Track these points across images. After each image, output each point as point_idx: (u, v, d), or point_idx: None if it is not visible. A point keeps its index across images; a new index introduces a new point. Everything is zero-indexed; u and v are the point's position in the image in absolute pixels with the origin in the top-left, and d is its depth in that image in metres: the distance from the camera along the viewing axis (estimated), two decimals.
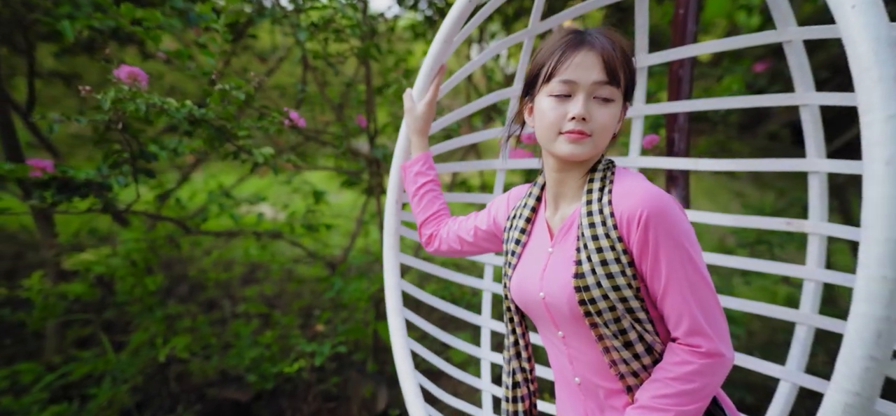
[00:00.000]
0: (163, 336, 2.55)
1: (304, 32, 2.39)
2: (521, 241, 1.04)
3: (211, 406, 2.57)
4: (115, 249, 2.68)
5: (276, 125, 2.05)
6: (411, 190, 1.35)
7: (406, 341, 1.46)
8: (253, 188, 4.06)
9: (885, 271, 0.57)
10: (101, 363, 2.47)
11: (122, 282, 2.58)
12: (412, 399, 1.39)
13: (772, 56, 3.10)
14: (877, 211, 0.58)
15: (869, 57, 0.61)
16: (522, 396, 1.07)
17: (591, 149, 0.92)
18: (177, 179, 3.24)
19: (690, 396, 0.83)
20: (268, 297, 3.67)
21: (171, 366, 2.63)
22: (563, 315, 0.93)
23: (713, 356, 0.83)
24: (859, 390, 0.59)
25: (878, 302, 0.57)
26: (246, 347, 2.72)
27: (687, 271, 0.84)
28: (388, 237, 1.50)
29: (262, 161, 2.16)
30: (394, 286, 1.50)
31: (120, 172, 1.98)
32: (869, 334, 0.58)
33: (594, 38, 0.91)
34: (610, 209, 0.88)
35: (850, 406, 0.59)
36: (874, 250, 0.58)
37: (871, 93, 0.61)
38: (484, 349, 1.64)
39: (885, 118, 0.59)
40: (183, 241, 3.19)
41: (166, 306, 2.75)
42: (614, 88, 0.91)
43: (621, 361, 0.89)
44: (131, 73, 1.66)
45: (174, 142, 2.15)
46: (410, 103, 1.39)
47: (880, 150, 0.59)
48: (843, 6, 0.65)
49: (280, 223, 3.66)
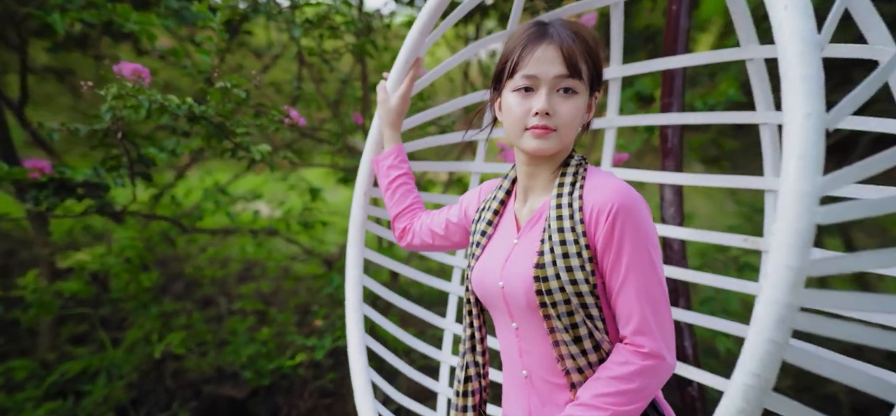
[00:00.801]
0: (158, 333, 2.53)
1: (298, 29, 2.37)
2: (487, 232, 1.04)
3: (206, 403, 2.55)
4: (109, 247, 2.65)
5: (274, 123, 2.03)
6: (384, 184, 1.34)
7: (362, 337, 1.44)
8: (249, 186, 4.04)
9: (790, 261, 0.59)
10: (96, 359, 2.45)
11: (117, 279, 2.56)
12: (361, 395, 1.37)
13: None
14: (787, 203, 0.60)
15: (795, 56, 0.64)
16: (473, 390, 1.06)
17: (557, 143, 0.92)
18: (172, 177, 3.21)
19: (629, 395, 0.83)
20: (264, 294, 3.65)
21: (166, 363, 2.61)
22: (520, 306, 0.93)
23: (655, 358, 0.84)
24: (759, 371, 0.61)
25: (782, 289, 0.59)
26: (242, 344, 2.70)
27: (645, 271, 0.85)
28: (354, 231, 1.48)
29: (259, 158, 2.14)
30: (355, 281, 1.47)
31: (118, 175, 1.97)
32: (772, 319, 0.60)
33: (555, 31, 0.91)
34: (579, 204, 0.89)
35: (749, 387, 0.61)
36: (783, 240, 0.60)
37: (794, 91, 0.63)
38: (445, 353, 1.60)
39: (804, 116, 0.61)
40: (178, 239, 3.17)
41: (162, 304, 2.73)
42: (576, 81, 0.90)
43: (569, 356, 0.89)
44: (136, 70, 1.64)
45: (172, 143, 2.13)
46: (383, 95, 1.37)
47: (796, 144, 0.61)
48: (776, 7, 0.68)
49: (276, 221, 3.64)
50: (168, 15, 1.99)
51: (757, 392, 0.61)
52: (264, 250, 3.38)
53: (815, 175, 0.60)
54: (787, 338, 0.60)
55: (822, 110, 0.62)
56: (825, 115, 0.62)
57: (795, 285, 0.59)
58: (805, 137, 0.61)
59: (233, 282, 3.80)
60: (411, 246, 1.29)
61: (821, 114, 0.62)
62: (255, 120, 2.00)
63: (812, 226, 0.60)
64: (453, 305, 1.67)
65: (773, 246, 0.61)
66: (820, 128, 0.61)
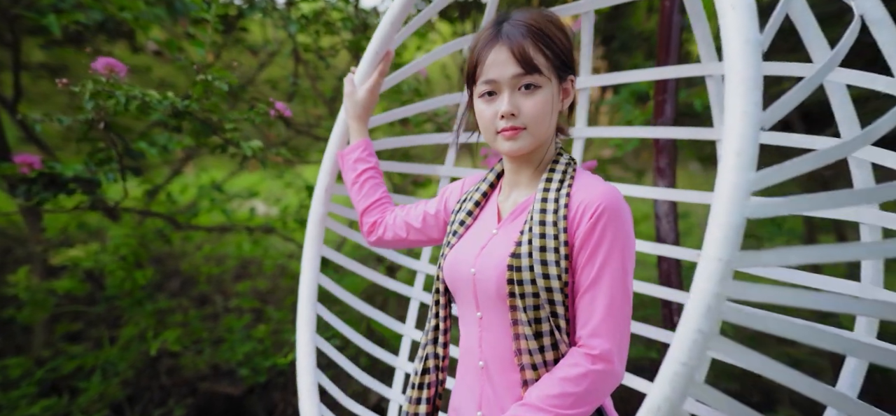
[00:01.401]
0: (154, 331, 2.52)
1: (294, 25, 2.35)
2: (465, 222, 1.04)
3: (202, 400, 2.54)
4: (103, 244, 2.63)
5: (261, 116, 2.01)
6: (351, 177, 1.28)
7: (312, 336, 1.39)
8: (245, 184, 4.02)
9: (720, 253, 0.61)
10: (91, 357, 2.43)
11: (112, 276, 2.54)
12: (305, 396, 1.31)
13: None
14: (722, 197, 0.62)
15: (736, 53, 0.66)
16: (430, 382, 1.04)
17: (530, 140, 0.92)
18: (167, 175, 3.19)
19: (574, 398, 0.83)
20: (261, 292, 3.63)
21: (162, 360, 2.60)
22: (489, 295, 0.92)
23: (604, 361, 0.83)
24: (686, 360, 0.61)
25: (712, 280, 0.60)
26: (238, 341, 2.68)
27: (615, 277, 0.85)
28: (312, 227, 1.43)
29: (250, 154, 2.12)
30: (310, 279, 1.42)
31: (109, 169, 1.95)
32: (701, 309, 0.61)
33: (507, 30, 0.90)
34: (566, 201, 0.89)
35: (677, 375, 0.62)
36: (715, 233, 0.61)
37: (734, 88, 0.65)
38: (401, 359, 1.56)
39: (741, 113, 0.63)
40: (174, 236, 3.15)
41: (157, 301, 2.71)
42: (535, 75, 0.89)
43: (527, 351, 0.88)
44: (108, 64, 1.61)
45: (164, 138, 2.11)
46: (350, 88, 1.32)
47: (733, 141, 0.63)
48: (724, 6, 0.69)
49: (273, 219, 3.62)
50: (158, 5, 1.96)
51: (683, 380, 0.62)
52: (261, 247, 3.36)
53: (748, 171, 0.61)
54: (715, 328, 0.61)
55: (759, 109, 0.63)
56: (761, 113, 0.64)
57: (724, 276, 0.60)
58: (741, 133, 0.62)
59: (230, 280, 3.78)
60: (382, 241, 1.24)
61: (757, 112, 0.63)
62: (242, 114, 1.98)
63: (743, 219, 0.61)
64: (414, 311, 1.62)
65: (706, 238, 0.62)
66: (755, 125, 0.63)
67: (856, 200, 0.74)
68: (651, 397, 0.64)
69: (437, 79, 4.11)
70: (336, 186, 1.46)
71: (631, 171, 3.70)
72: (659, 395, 0.63)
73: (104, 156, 1.94)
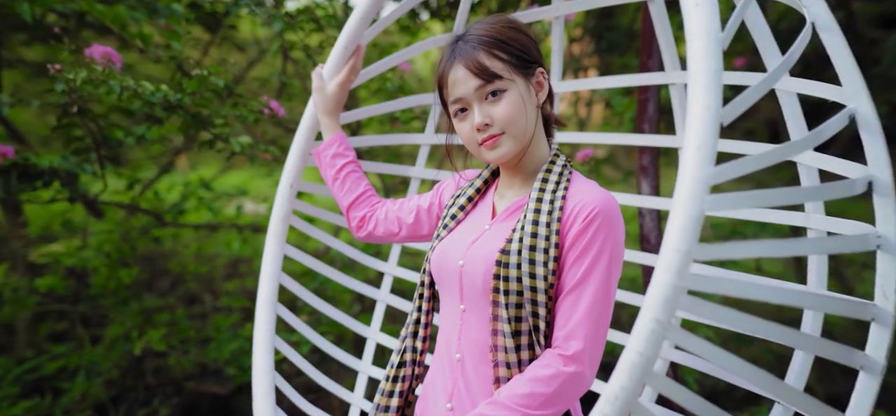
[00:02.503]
0: (140, 330, 2.46)
1: (279, 23, 2.30)
2: (457, 216, 1.04)
3: (188, 399, 2.49)
4: (85, 241, 2.57)
5: (254, 114, 1.97)
6: (330, 174, 1.25)
7: (271, 337, 1.33)
8: (235, 182, 3.96)
9: (680, 244, 0.61)
10: (75, 357, 2.37)
11: (97, 275, 2.49)
12: (260, 398, 1.25)
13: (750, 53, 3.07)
14: (683, 190, 0.62)
15: (699, 50, 0.67)
16: (405, 376, 1.03)
17: (512, 143, 0.92)
18: (156, 171, 3.13)
19: (542, 399, 0.82)
20: (251, 290, 3.58)
21: (147, 360, 2.55)
22: (474, 288, 0.92)
23: (576, 363, 0.83)
24: (643, 349, 0.62)
25: (671, 271, 0.61)
26: (226, 340, 2.64)
27: (599, 282, 0.85)
28: (274, 224, 1.38)
29: (238, 150, 2.08)
30: (271, 276, 1.37)
31: (87, 160, 1.89)
32: (659, 298, 0.61)
33: (459, 48, 0.92)
34: (561, 203, 0.89)
35: (634, 365, 0.62)
36: (676, 224, 0.62)
37: (696, 83, 0.65)
38: (364, 363, 1.52)
39: (703, 107, 0.64)
40: (163, 234, 3.09)
41: (142, 300, 2.66)
42: (498, 81, 0.90)
43: (502, 348, 0.88)
44: (105, 53, 1.57)
45: (142, 128, 2.06)
46: (319, 83, 1.28)
47: (695, 135, 0.63)
48: (688, 4, 0.71)
49: (263, 218, 3.57)
50: (138, 6, 1.92)
51: (639, 370, 0.62)
52: (250, 246, 3.31)
53: (708, 164, 0.62)
54: (671, 318, 0.61)
55: (719, 104, 0.64)
56: (721, 108, 0.65)
57: (683, 267, 0.61)
58: (702, 127, 0.63)
59: (220, 279, 3.72)
60: (372, 236, 1.21)
61: (717, 107, 0.64)
62: (233, 110, 1.94)
63: (701, 212, 0.62)
64: (380, 313, 1.58)
65: (667, 231, 0.63)
66: (716, 120, 0.64)
67: (803, 196, 0.76)
68: (609, 386, 0.64)
69: (428, 76, 4.07)
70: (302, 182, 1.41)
71: (622, 170, 3.68)
72: (616, 384, 0.63)
73: (80, 145, 1.88)
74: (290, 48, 2.66)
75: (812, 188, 0.73)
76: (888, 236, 0.81)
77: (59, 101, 1.62)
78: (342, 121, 1.36)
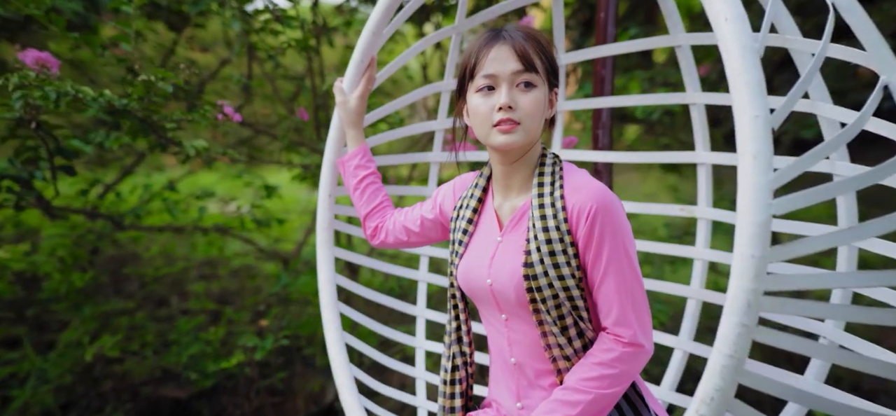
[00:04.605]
0: (94, 334, 2.31)
1: (238, 22, 2.18)
2: (468, 230, 1.04)
3: (144, 404, 2.35)
4: (37, 245, 2.40)
5: (208, 119, 1.85)
6: (352, 184, 1.30)
7: (340, 335, 1.42)
8: (204, 183, 3.80)
9: (752, 251, 0.63)
10: (26, 363, 2.21)
11: (50, 279, 2.32)
12: (345, 391, 1.35)
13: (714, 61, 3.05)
14: (747, 198, 0.64)
15: (739, 63, 0.68)
16: (460, 379, 1.07)
17: (524, 136, 0.93)
18: (119, 173, 2.96)
19: (610, 380, 0.87)
20: (225, 293, 3.43)
21: (102, 365, 2.39)
22: (509, 301, 0.94)
23: (634, 346, 0.88)
24: (732, 352, 0.65)
25: (747, 277, 0.63)
26: (186, 344, 2.49)
27: (623, 265, 0.88)
28: (321, 232, 1.45)
29: (193, 154, 1.95)
30: (328, 280, 1.44)
31: (37, 169, 1.75)
32: (740, 304, 0.64)
33: (508, 33, 0.94)
34: (562, 204, 0.91)
35: (725, 367, 0.65)
36: (745, 231, 0.64)
37: (741, 95, 0.67)
38: (419, 339, 1.60)
39: (752, 118, 0.65)
40: (125, 237, 2.92)
41: (101, 304, 2.50)
42: (533, 74, 0.92)
43: (556, 345, 0.92)
44: (39, 59, 1.45)
45: (100, 135, 1.93)
46: (342, 97, 1.33)
47: (749, 145, 0.65)
48: (718, 19, 0.72)
49: (230, 219, 3.42)
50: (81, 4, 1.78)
51: (731, 371, 0.65)
52: (216, 247, 3.16)
53: (767, 171, 0.64)
54: (755, 320, 0.64)
55: (767, 111, 0.66)
56: (769, 115, 0.66)
57: (759, 272, 0.63)
58: (755, 136, 0.64)
59: (192, 281, 3.56)
60: (385, 244, 1.26)
61: (766, 115, 0.65)
62: (186, 115, 1.81)
63: (769, 217, 0.63)
64: (423, 292, 1.66)
65: (737, 239, 0.65)
66: (767, 127, 0.65)
67: (870, 179, 0.73)
68: (702, 388, 0.67)
69: (419, 80, 3.95)
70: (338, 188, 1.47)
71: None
72: (709, 386, 0.66)
73: (32, 155, 1.75)
74: (256, 49, 2.54)
75: (876, 170, 0.71)
76: None
77: (14, 115, 1.50)
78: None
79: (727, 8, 0.71)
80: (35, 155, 1.74)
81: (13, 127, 1.65)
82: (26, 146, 1.73)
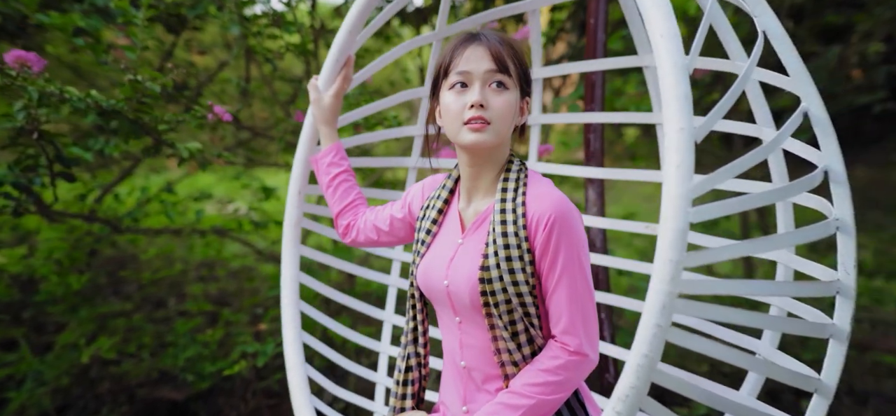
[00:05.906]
0: (91, 337, 2.26)
1: (237, 26, 2.15)
2: (431, 231, 1.04)
3: (141, 406, 2.30)
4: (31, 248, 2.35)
5: (198, 120, 1.81)
6: (325, 181, 1.28)
7: (299, 334, 1.39)
8: (202, 184, 3.75)
9: (671, 255, 0.65)
10: (23, 365, 2.16)
11: (47, 282, 2.27)
12: (297, 391, 1.31)
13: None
14: (669, 206, 0.66)
15: (669, 79, 0.70)
16: (413, 379, 1.06)
17: (494, 136, 0.92)
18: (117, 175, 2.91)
19: (554, 386, 0.89)
20: (223, 294, 3.38)
21: (98, 367, 2.34)
22: (464, 304, 0.94)
23: (579, 355, 0.89)
24: (647, 352, 0.67)
25: (665, 279, 0.66)
26: (184, 345, 2.44)
27: (575, 276, 0.89)
28: (288, 229, 1.42)
29: (187, 156, 1.91)
30: (291, 278, 1.41)
31: (35, 175, 1.71)
32: (657, 305, 0.66)
33: (484, 35, 0.95)
34: (523, 210, 0.90)
35: (640, 367, 0.67)
36: (666, 237, 0.66)
37: (669, 108, 0.69)
38: (383, 343, 1.57)
39: (678, 130, 0.68)
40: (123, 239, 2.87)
41: (99, 306, 2.45)
42: (506, 76, 0.93)
43: (506, 350, 0.92)
44: (19, 57, 1.41)
45: (100, 142, 1.88)
46: (316, 94, 1.31)
47: (673, 155, 0.67)
48: (655, 35, 0.74)
49: (228, 220, 3.37)
50: (92, 13, 1.74)
51: (646, 370, 0.67)
52: (214, 249, 3.11)
53: (687, 181, 0.66)
54: (669, 321, 0.66)
55: (692, 125, 0.68)
56: (694, 128, 0.69)
57: (675, 275, 0.65)
58: (679, 147, 0.67)
59: (190, 283, 3.51)
60: (356, 243, 1.25)
61: (690, 128, 0.68)
62: (177, 116, 1.78)
63: (687, 224, 0.66)
64: (393, 297, 1.63)
65: (658, 244, 0.67)
66: (690, 140, 0.68)
67: (773, 197, 0.80)
68: (619, 386, 0.68)
69: (416, 83, 3.92)
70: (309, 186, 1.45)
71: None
72: (626, 385, 0.68)
73: (32, 163, 1.72)
74: (254, 52, 2.51)
75: (779, 189, 0.78)
76: (845, 218, 0.87)
77: (16, 125, 1.47)
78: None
79: (664, 26, 0.73)
80: (35, 163, 1.71)
81: (14, 136, 1.62)
82: (27, 155, 1.70)
